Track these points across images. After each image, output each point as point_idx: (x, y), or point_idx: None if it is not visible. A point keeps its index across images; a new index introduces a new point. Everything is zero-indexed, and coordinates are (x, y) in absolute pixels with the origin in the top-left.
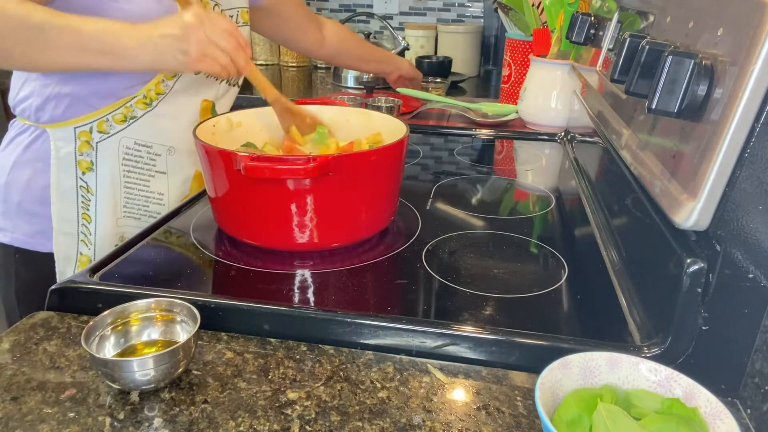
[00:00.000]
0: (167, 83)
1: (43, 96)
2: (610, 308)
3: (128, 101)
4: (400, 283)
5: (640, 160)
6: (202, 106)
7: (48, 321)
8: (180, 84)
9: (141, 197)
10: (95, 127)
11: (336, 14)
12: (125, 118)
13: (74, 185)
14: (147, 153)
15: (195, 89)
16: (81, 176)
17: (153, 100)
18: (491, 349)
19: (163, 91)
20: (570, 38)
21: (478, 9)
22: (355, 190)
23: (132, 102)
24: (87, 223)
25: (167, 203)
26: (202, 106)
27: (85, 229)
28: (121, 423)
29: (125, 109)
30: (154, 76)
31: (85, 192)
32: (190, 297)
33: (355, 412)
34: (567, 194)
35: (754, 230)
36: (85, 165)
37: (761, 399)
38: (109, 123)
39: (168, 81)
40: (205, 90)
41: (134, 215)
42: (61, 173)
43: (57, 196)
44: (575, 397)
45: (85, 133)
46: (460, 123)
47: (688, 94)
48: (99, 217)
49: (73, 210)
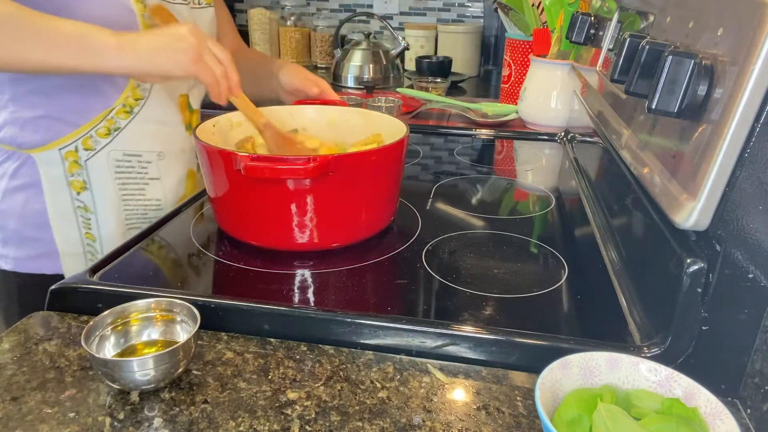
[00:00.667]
0: (144, 87)
1: (17, 124)
2: (610, 308)
3: (109, 113)
4: (400, 283)
5: (640, 160)
6: (180, 101)
7: (48, 321)
8: (158, 84)
9: (139, 207)
10: (80, 146)
11: (336, 14)
12: (109, 131)
13: (71, 207)
14: (138, 162)
15: (171, 87)
16: (76, 197)
17: (133, 107)
18: (491, 349)
19: (141, 96)
20: (570, 38)
21: (478, 9)
22: (355, 190)
23: (112, 113)
24: (92, 242)
25: (165, 208)
26: (180, 102)
27: (92, 248)
28: (121, 423)
29: (108, 122)
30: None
31: (84, 212)
32: (190, 297)
33: (355, 412)
34: (567, 194)
35: (754, 230)
36: (79, 185)
37: (761, 399)
38: (94, 139)
39: (144, 84)
40: (178, 85)
41: (136, 226)
42: (55, 196)
43: (55, 219)
44: (575, 397)
45: (72, 153)
46: (460, 123)
47: (688, 94)
48: (104, 234)
49: (75, 231)
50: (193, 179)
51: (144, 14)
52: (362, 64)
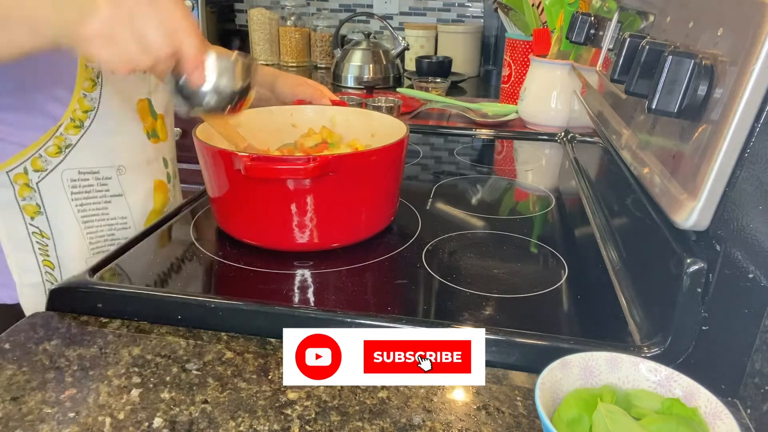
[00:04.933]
0: (91, 96)
1: None
2: (610, 308)
3: (56, 130)
4: (400, 283)
5: (640, 160)
6: (139, 107)
7: (48, 321)
8: (106, 91)
9: (103, 227)
10: (29, 167)
11: (336, 14)
12: (59, 148)
13: (26, 233)
14: (95, 179)
15: (126, 93)
16: (30, 222)
17: (83, 120)
18: (491, 349)
19: (90, 107)
20: (570, 38)
21: (478, 9)
22: (355, 190)
23: (60, 129)
24: (51, 270)
25: (132, 225)
26: (139, 108)
27: (50, 276)
28: (121, 423)
29: (56, 139)
30: (72, 95)
31: (40, 237)
32: (190, 297)
33: (355, 412)
34: (567, 194)
35: (754, 230)
36: (32, 210)
37: (761, 399)
38: (44, 158)
39: (90, 93)
40: (135, 89)
41: (102, 248)
42: (8, 222)
43: (9, 246)
44: (575, 397)
45: (21, 176)
46: (460, 123)
47: (688, 94)
48: (63, 261)
49: (32, 259)
50: (164, 191)
51: None
52: (362, 64)
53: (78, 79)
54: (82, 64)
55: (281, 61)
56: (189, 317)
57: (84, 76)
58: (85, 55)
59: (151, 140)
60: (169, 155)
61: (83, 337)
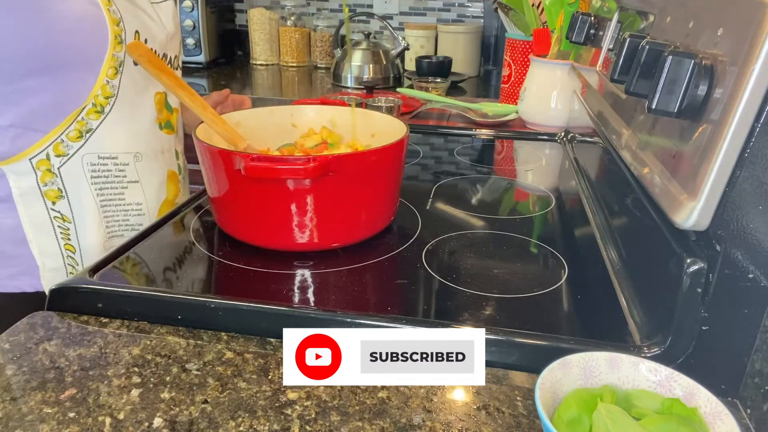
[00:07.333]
0: (112, 83)
1: None
2: (610, 308)
3: (78, 114)
4: (400, 283)
5: (640, 160)
6: (156, 99)
7: (48, 321)
8: (126, 80)
9: (119, 212)
10: (52, 152)
11: (336, 14)
12: (80, 133)
13: (47, 217)
14: (114, 165)
15: (144, 84)
16: (52, 207)
17: (104, 106)
18: (491, 349)
19: (111, 94)
20: (570, 38)
21: (478, 9)
22: (355, 190)
23: (83, 114)
24: (72, 254)
25: (147, 212)
26: (156, 100)
27: (72, 260)
28: (121, 423)
29: (78, 124)
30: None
31: (62, 222)
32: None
33: (355, 412)
34: (567, 194)
35: (754, 230)
36: (54, 194)
37: (761, 399)
38: (66, 143)
39: (112, 81)
40: (153, 82)
41: (117, 233)
42: (30, 209)
43: (32, 233)
44: (575, 397)
45: (44, 162)
46: (460, 123)
47: (688, 94)
48: (84, 244)
49: (53, 244)
50: (175, 182)
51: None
52: (362, 64)
53: (104, 65)
54: (112, 49)
55: (281, 61)
56: (189, 317)
57: (110, 64)
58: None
59: (164, 131)
60: (180, 148)
61: (83, 337)
